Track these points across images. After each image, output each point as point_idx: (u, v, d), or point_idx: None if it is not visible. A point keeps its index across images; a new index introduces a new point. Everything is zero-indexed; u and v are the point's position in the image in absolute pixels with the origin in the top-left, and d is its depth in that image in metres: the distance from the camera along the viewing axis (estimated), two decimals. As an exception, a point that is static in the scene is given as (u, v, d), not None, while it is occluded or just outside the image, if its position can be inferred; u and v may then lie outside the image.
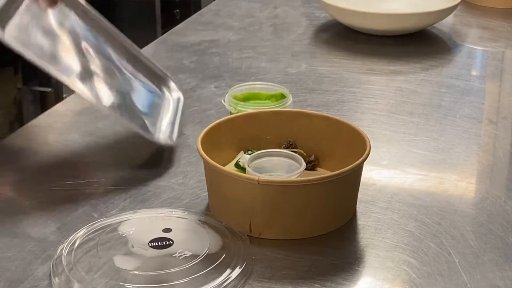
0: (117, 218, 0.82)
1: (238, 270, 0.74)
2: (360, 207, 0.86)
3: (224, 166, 0.86)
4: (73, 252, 0.76)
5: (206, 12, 1.60)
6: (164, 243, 0.77)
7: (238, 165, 0.89)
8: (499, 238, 0.81)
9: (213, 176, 0.83)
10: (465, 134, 1.05)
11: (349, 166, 0.80)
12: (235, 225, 0.80)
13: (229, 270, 0.74)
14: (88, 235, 0.79)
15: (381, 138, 1.03)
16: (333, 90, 1.19)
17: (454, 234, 0.82)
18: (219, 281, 0.72)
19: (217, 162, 0.81)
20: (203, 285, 0.72)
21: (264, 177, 0.82)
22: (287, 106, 1.00)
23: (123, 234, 0.79)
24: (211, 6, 1.62)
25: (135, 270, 0.73)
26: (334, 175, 0.79)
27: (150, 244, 0.77)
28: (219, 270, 0.74)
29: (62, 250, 0.76)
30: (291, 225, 0.80)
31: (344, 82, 1.23)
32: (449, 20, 1.47)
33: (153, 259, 0.75)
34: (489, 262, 0.77)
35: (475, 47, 1.42)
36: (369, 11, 1.39)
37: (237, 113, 0.98)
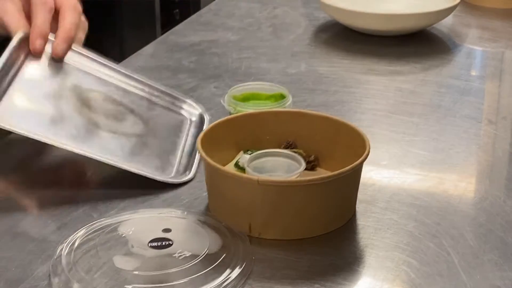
0: (117, 218, 0.82)
1: (238, 270, 0.74)
2: (360, 207, 0.86)
3: (224, 166, 0.86)
4: (72, 252, 0.76)
5: (205, 12, 1.60)
6: (164, 243, 0.77)
7: (237, 165, 0.89)
8: (499, 238, 0.82)
9: (213, 176, 0.83)
10: (464, 134, 1.05)
11: (348, 166, 0.80)
12: (235, 225, 0.80)
13: (229, 270, 0.74)
14: (88, 235, 0.79)
15: (381, 138, 1.03)
16: (332, 90, 1.19)
17: (453, 234, 0.82)
18: (219, 281, 0.72)
19: (217, 162, 0.81)
20: (203, 285, 0.72)
21: (263, 177, 0.82)
22: (287, 106, 1.00)
23: (123, 234, 0.79)
24: (211, 6, 1.62)
25: (135, 270, 0.73)
26: (333, 175, 0.79)
27: (149, 244, 0.77)
28: (219, 270, 0.74)
29: (62, 250, 0.76)
30: (291, 225, 0.80)
31: (343, 82, 1.23)
32: (448, 20, 1.47)
33: (153, 259, 0.75)
34: (488, 262, 0.77)
35: (475, 47, 1.42)
36: (368, 12, 1.39)
37: (236, 113, 0.98)
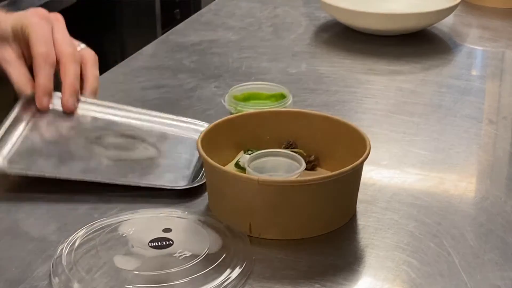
0: (117, 218, 0.82)
1: (238, 270, 0.74)
2: (360, 207, 0.86)
3: (224, 166, 0.86)
4: (73, 252, 0.76)
5: (206, 12, 1.60)
6: (164, 243, 0.77)
7: (238, 165, 0.89)
8: (499, 238, 0.81)
9: (213, 176, 0.83)
10: (465, 134, 1.05)
11: (349, 166, 0.80)
12: (235, 225, 0.80)
13: (229, 270, 0.74)
14: (88, 235, 0.79)
15: (381, 138, 1.03)
16: (333, 90, 1.19)
17: (454, 234, 0.82)
18: (219, 281, 0.72)
19: (217, 162, 0.81)
20: (203, 285, 0.72)
21: (264, 177, 0.82)
22: (287, 106, 1.00)
23: (123, 234, 0.79)
24: (211, 6, 1.62)
25: (135, 270, 0.73)
26: (334, 175, 0.79)
27: (150, 244, 0.77)
28: (219, 270, 0.73)
29: (62, 250, 0.76)
30: (291, 225, 0.80)
31: (344, 82, 1.23)
32: (449, 20, 1.47)
33: (153, 259, 0.75)
34: (489, 262, 0.77)
35: (475, 47, 1.42)
36: (369, 11, 1.39)
37: (237, 113, 0.98)
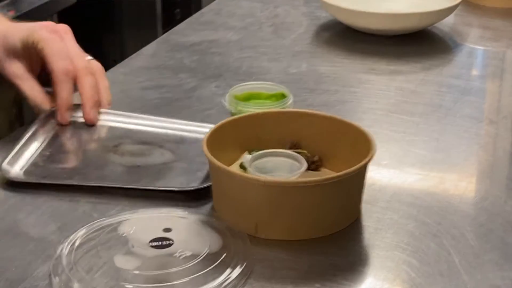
0: (117, 218, 0.82)
1: (238, 270, 0.74)
2: (360, 207, 0.86)
3: (229, 166, 0.86)
4: (73, 252, 0.76)
5: (206, 11, 1.60)
6: (164, 243, 0.77)
7: (243, 165, 0.88)
8: (499, 238, 0.81)
9: (218, 176, 0.83)
10: (465, 134, 1.05)
11: (353, 166, 0.79)
12: (241, 226, 0.80)
13: (229, 270, 0.74)
14: (88, 235, 0.79)
15: (381, 138, 1.03)
16: (333, 90, 1.19)
17: (454, 234, 0.82)
18: (219, 281, 0.72)
19: (222, 163, 0.81)
20: (203, 285, 0.72)
21: (269, 177, 0.81)
22: (288, 106, 1.00)
23: (124, 234, 0.79)
24: (212, 6, 1.62)
25: (135, 270, 0.73)
26: (339, 176, 0.79)
27: (150, 244, 0.77)
28: (219, 270, 0.74)
29: (62, 250, 0.76)
30: (297, 225, 0.80)
31: (344, 82, 1.23)
32: (449, 19, 1.47)
33: (153, 259, 0.75)
34: (489, 262, 0.77)
35: (476, 47, 1.42)
36: (369, 11, 1.39)
37: (237, 113, 0.98)
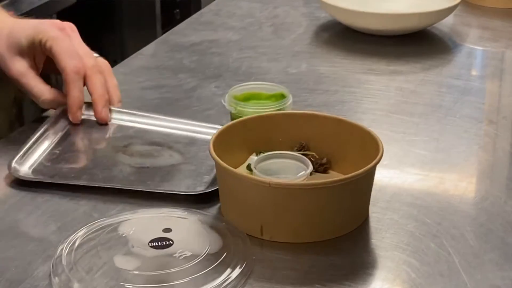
0: (117, 218, 0.82)
1: (238, 270, 0.74)
2: (360, 207, 0.86)
3: (236, 168, 0.86)
4: (73, 252, 0.76)
5: (206, 12, 1.60)
6: (164, 243, 0.77)
7: (250, 167, 0.88)
8: (499, 238, 0.81)
9: (224, 178, 0.83)
10: (465, 134, 1.05)
11: (361, 169, 0.79)
12: (246, 227, 0.80)
13: (229, 270, 0.74)
14: (88, 235, 0.79)
15: (381, 138, 1.02)
16: (333, 90, 1.19)
17: (454, 234, 0.82)
18: (219, 281, 0.72)
19: (229, 165, 0.80)
20: (203, 285, 0.72)
21: (274, 179, 0.81)
22: (287, 106, 1.00)
23: (123, 234, 0.79)
24: (211, 6, 1.62)
25: (135, 270, 0.73)
26: (346, 178, 0.79)
27: (150, 244, 0.77)
28: (219, 270, 0.74)
29: (62, 250, 0.76)
30: (303, 228, 0.80)
31: (344, 82, 1.23)
32: (449, 20, 1.47)
33: (153, 259, 0.75)
34: (489, 262, 0.77)
35: (475, 47, 1.42)
36: (369, 11, 1.39)
37: (237, 113, 0.98)
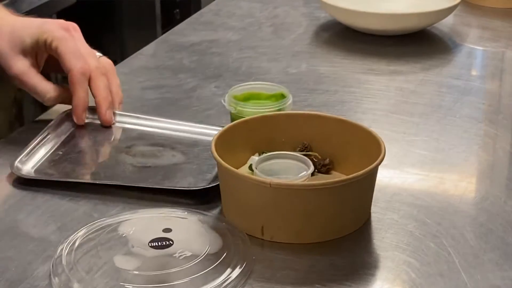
0: (117, 218, 0.82)
1: (238, 270, 0.74)
2: (360, 207, 0.86)
3: (238, 168, 0.86)
4: (73, 252, 0.76)
5: (206, 12, 1.60)
6: (164, 243, 0.77)
7: (251, 168, 0.88)
8: (499, 238, 0.81)
9: (226, 178, 0.83)
10: (465, 134, 1.05)
11: (364, 169, 0.79)
12: (247, 228, 0.80)
13: (229, 270, 0.74)
14: (88, 235, 0.79)
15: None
16: (333, 90, 1.19)
17: (454, 234, 0.82)
18: (219, 281, 0.72)
19: (232, 165, 0.80)
20: (203, 285, 0.72)
21: (275, 180, 0.81)
22: (287, 106, 1.00)
23: (123, 234, 0.79)
24: (211, 6, 1.62)
25: (135, 270, 0.73)
26: (348, 179, 0.79)
27: (150, 244, 0.77)
28: (219, 270, 0.74)
29: (62, 250, 0.76)
30: (304, 229, 0.80)
31: (344, 82, 1.23)
32: (449, 20, 1.47)
33: (153, 259, 0.75)
34: (489, 262, 0.77)
35: (475, 47, 1.42)
36: (369, 11, 1.39)
37: (237, 113, 0.98)
